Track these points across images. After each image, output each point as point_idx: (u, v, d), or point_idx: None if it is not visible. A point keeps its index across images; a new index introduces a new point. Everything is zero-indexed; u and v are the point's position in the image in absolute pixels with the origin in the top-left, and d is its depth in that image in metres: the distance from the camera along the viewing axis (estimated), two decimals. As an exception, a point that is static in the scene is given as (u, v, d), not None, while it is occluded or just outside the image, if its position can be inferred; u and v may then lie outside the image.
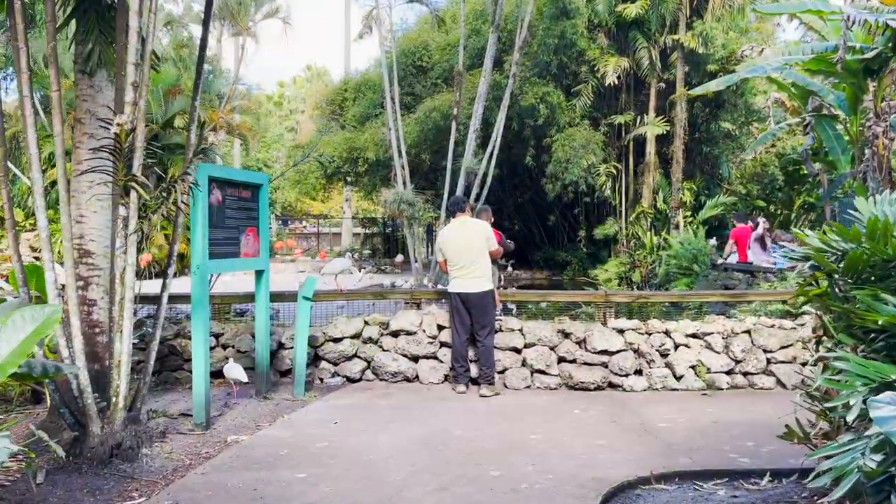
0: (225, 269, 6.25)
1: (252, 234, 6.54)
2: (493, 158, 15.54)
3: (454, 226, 7.12)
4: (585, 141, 18.97)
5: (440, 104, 19.16)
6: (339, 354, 7.46)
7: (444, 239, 7.11)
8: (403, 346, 7.42)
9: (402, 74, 22.13)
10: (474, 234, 7.00)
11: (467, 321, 6.99)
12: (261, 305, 6.75)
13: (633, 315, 7.85)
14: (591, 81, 20.12)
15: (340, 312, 8.30)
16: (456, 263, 6.98)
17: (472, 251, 6.94)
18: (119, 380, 4.90)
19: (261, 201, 6.69)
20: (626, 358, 7.18)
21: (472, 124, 14.81)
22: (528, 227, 25.21)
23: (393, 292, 7.74)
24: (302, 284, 7.01)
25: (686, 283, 15.64)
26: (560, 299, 7.75)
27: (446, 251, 7.05)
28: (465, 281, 6.95)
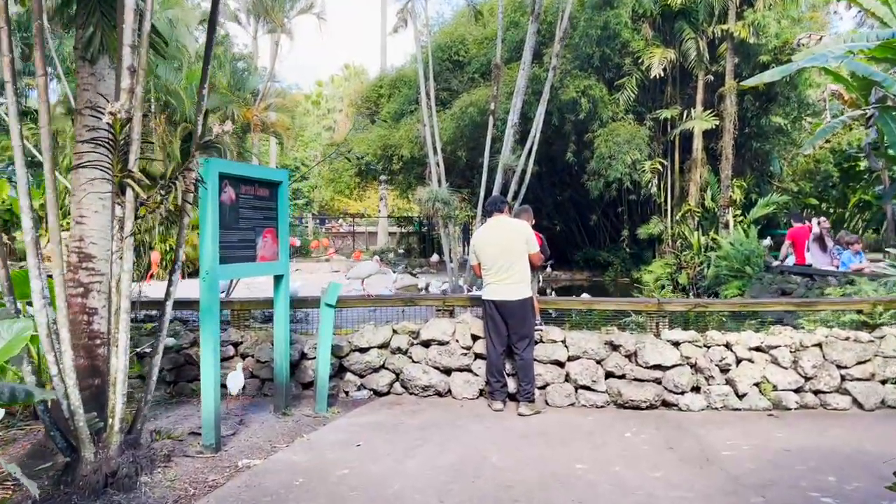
0: (239, 275, 5.72)
1: (270, 236, 6.00)
2: (531, 155, 14.83)
3: (490, 226, 6.49)
4: (629, 136, 18.13)
5: (477, 99, 18.51)
6: (365, 366, 6.89)
7: (478, 240, 6.49)
8: (435, 357, 6.82)
9: (438, 69, 21.54)
10: (512, 235, 6.36)
11: (503, 331, 6.36)
12: (280, 313, 6.21)
13: (688, 325, 7.12)
14: (634, 74, 19.26)
15: (370, 317, 7.73)
16: (491, 268, 6.35)
17: (510, 254, 6.30)
18: (115, 399, 4.39)
19: (280, 200, 6.14)
20: (682, 373, 6.46)
21: (510, 119, 14.14)
22: (568, 226, 24.41)
23: (423, 298, 7.13)
24: (324, 290, 6.45)
25: (738, 286, 14.75)
26: (607, 307, 7.05)
27: (480, 254, 6.42)
28: (501, 287, 6.31)
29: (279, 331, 6.21)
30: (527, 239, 6.37)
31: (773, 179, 22.34)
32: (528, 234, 6.43)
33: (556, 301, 7.08)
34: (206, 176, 5.09)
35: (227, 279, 5.46)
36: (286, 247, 6.24)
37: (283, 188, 6.15)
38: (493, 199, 6.64)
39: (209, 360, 5.11)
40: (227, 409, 6.36)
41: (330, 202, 42.79)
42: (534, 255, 6.45)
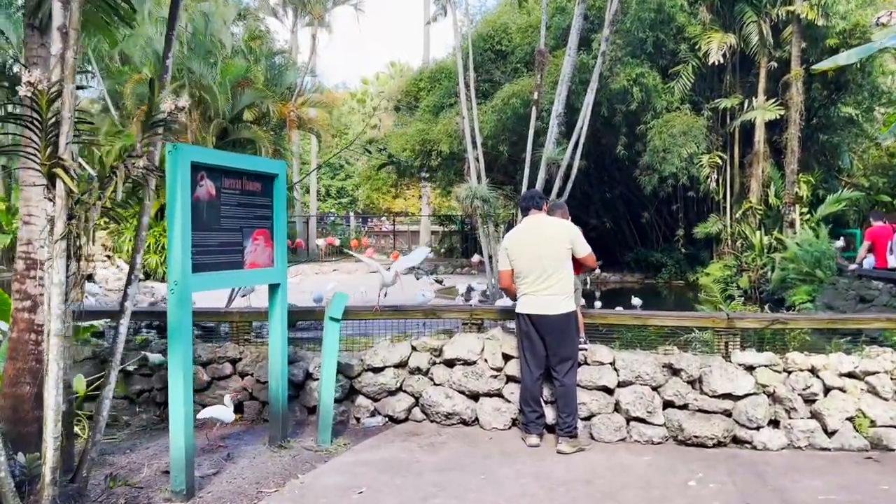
0: (220, 285, 4.82)
1: (263, 239, 5.09)
2: (578, 148, 13.68)
3: (525, 227, 5.45)
4: (686, 127, 16.79)
5: (520, 89, 17.40)
6: (379, 388, 5.93)
7: (511, 242, 5.45)
8: (460, 379, 5.82)
9: (480, 60, 20.53)
10: (553, 236, 5.32)
11: (541, 352, 5.32)
12: (276, 328, 5.30)
13: (765, 345, 5.96)
14: (691, 61, 17.89)
15: (393, 328, 6.75)
16: (528, 276, 5.31)
17: (550, 260, 5.25)
18: (46, 443, 3.51)
19: (276, 196, 5.22)
20: (758, 405, 5.33)
21: (555, 109, 13.03)
22: (618, 224, 23.10)
23: (447, 309, 6.14)
24: (329, 301, 5.51)
25: (807, 291, 13.35)
26: (666, 323, 5.92)
27: (515, 258, 5.38)
28: (539, 299, 5.28)
29: (275, 349, 5.29)
30: (571, 239, 5.32)
31: (842, 174, 20.67)
32: (572, 233, 5.37)
33: (605, 315, 5.99)
34: (175, 165, 4.18)
35: (205, 290, 4.54)
36: (283, 251, 5.32)
37: (279, 182, 5.23)
38: (529, 194, 5.61)
39: (178, 389, 4.21)
40: (217, 438, 5.47)
41: (375, 201, 42.14)
42: (587, 257, 5.40)
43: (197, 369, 6.07)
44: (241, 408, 6.10)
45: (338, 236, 30.74)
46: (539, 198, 5.52)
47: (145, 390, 6.18)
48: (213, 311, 6.81)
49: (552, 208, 6.01)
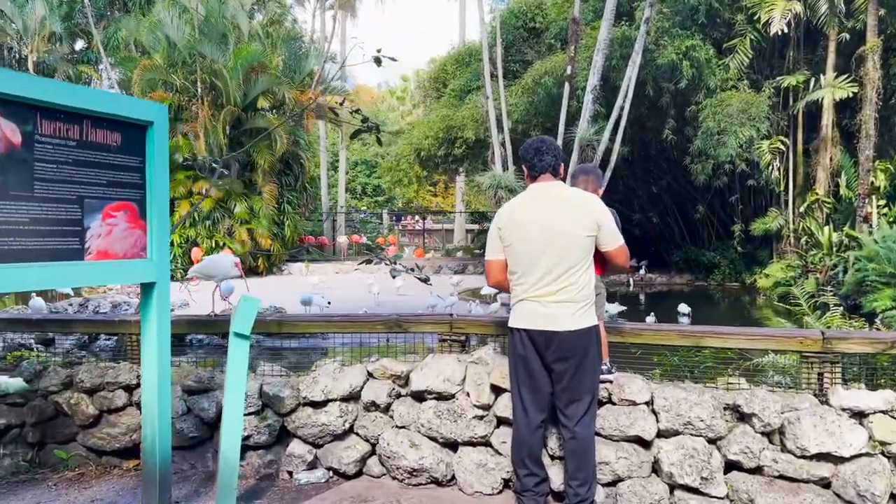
0: (31, 285, 3.17)
1: (123, 216, 3.44)
2: (619, 130, 11.86)
3: (529, 198, 3.60)
4: (744, 105, 14.67)
5: (553, 66, 15.52)
6: (321, 430, 4.24)
7: (505, 221, 3.61)
8: (431, 420, 4.10)
9: (511, 39, 18.74)
10: (570, 214, 3.47)
11: (544, 386, 3.54)
12: (150, 345, 3.64)
13: (878, 379, 4.07)
14: (749, 34, 15.76)
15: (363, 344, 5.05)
16: (527, 272, 3.51)
17: (562, 249, 3.44)
18: None
19: (150, 154, 3.57)
20: (873, 472, 3.48)
21: (590, 82, 11.24)
22: (664, 220, 20.98)
23: (418, 320, 4.38)
24: (234, 309, 3.83)
25: (892, 295, 11.23)
26: (729, 344, 4.05)
27: (509, 244, 3.57)
28: (543, 308, 3.48)
29: (150, 376, 3.64)
30: (597, 222, 3.47)
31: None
32: (599, 213, 3.49)
33: (639, 331, 4.14)
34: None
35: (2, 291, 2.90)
36: (164, 235, 3.66)
37: (155, 135, 3.57)
38: (537, 145, 3.66)
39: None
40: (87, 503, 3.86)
41: (413, 198, 40.55)
42: (618, 251, 3.55)
43: (80, 399, 4.48)
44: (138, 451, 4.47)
45: (366, 234, 29.22)
46: (553, 154, 3.60)
47: (13, 426, 4.60)
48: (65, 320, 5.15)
49: (575, 174, 4.19)
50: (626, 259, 3.64)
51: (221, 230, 19.64)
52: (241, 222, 19.75)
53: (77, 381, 4.49)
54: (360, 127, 6.27)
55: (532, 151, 3.60)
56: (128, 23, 20.59)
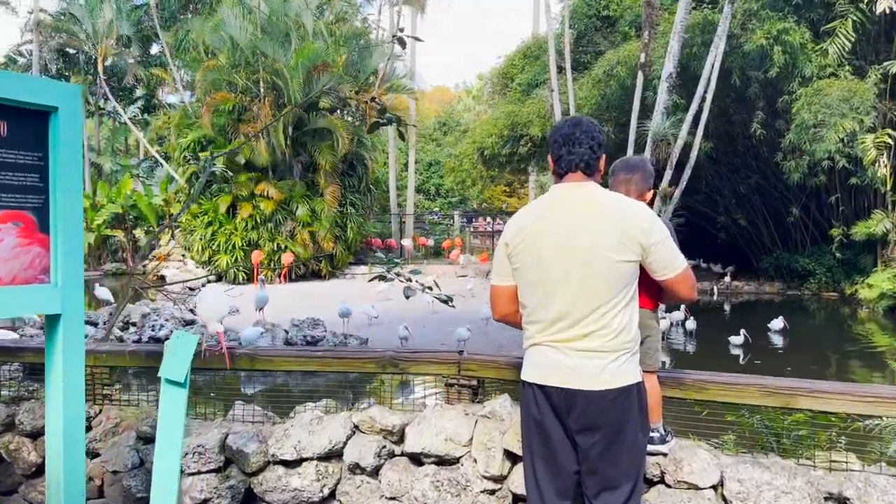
0: None
1: (13, 229, 2.65)
2: (700, 123, 10.56)
3: (549, 204, 2.56)
4: (846, 93, 12.97)
5: (626, 56, 14.21)
6: (293, 496, 3.37)
7: (515, 233, 2.57)
8: (427, 493, 3.16)
9: (583, 29, 17.54)
10: (598, 228, 2.43)
11: (566, 463, 2.51)
12: (54, 390, 2.83)
13: None
14: (851, 14, 14.01)
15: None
16: (538, 304, 2.51)
17: (587, 277, 2.41)
18: None
19: (54, 150, 2.76)
20: None
21: (666, 69, 10.02)
22: (753, 223, 19.22)
23: (419, 360, 3.42)
24: (166, 346, 2.99)
25: None
26: (827, 407, 2.86)
27: (519, 266, 2.56)
28: (564, 357, 2.45)
29: (54, 435, 2.84)
30: (639, 240, 2.42)
31: None
32: (641, 226, 2.43)
33: (703, 384, 3.01)
34: None
35: None
36: (75, 254, 2.84)
37: (60, 123, 2.76)
38: (563, 132, 2.55)
39: None
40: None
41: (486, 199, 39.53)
42: (680, 278, 2.51)
43: (22, 444, 3.76)
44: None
45: (435, 236, 28.47)
46: (590, 143, 2.51)
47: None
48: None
49: (614, 171, 3.13)
50: (692, 288, 2.57)
51: (283, 233, 19.23)
52: (303, 225, 19.28)
53: (18, 421, 3.77)
54: (377, 119, 5.42)
55: (560, 139, 2.54)
56: (193, 24, 20.51)
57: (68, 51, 23.57)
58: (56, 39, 22.33)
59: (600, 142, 2.57)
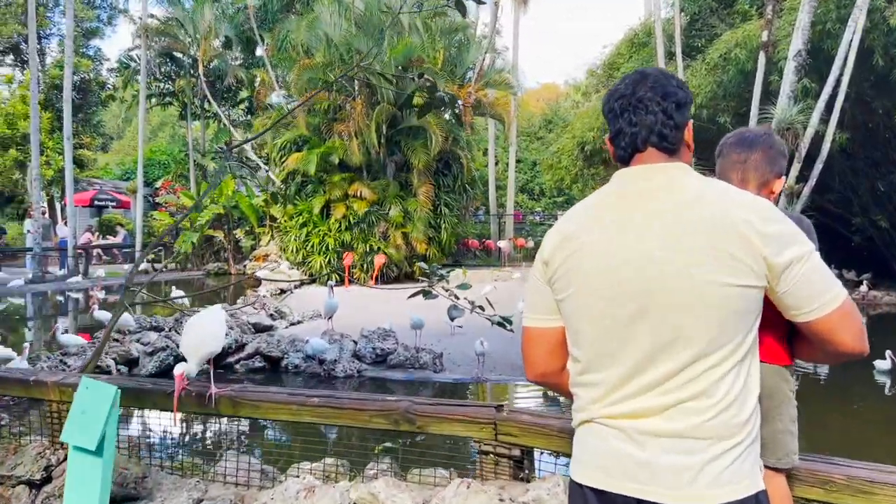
0: None
1: None
2: (833, 112, 9.00)
3: (604, 202, 1.59)
4: None
5: (745, 37, 12.61)
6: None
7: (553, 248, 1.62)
8: None
9: (696, 11, 15.97)
10: (694, 237, 1.44)
11: None
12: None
13: None
14: None
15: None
16: (596, 355, 1.54)
17: (675, 313, 1.44)
18: None
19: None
20: None
21: (793, 46, 8.61)
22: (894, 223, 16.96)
23: (443, 416, 2.51)
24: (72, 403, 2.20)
25: None
26: None
27: (564, 295, 1.59)
28: (629, 442, 1.49)
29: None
30: (763, 254, 1.41)
31: None
32: (766, 233, 1.42)
33: (868, 484, 1.95)
34: None
35: None
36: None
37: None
38: (621, 92, 1.58)
39: None
40: None
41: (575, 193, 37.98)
42: (831, 317, 1.47)
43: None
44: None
45: (536, 237, 27.31)
46: (662, 107, 1.52)
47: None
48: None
49: (723, 150, 2.05)
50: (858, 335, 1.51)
51: (376, 234, 18.75)
52: (396, 226, 18.73)
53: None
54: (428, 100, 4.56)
55: (617, 106, 1.59)
56: (289, 23, 20.42)
57: (176, 55, 24.20)
58: (160, 43, 22.93)
59: (681, 100, 1.57)
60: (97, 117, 30.59)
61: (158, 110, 33.29)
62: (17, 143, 24.17)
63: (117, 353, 7.89)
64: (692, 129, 1.60)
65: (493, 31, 23.45)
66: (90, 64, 27.33)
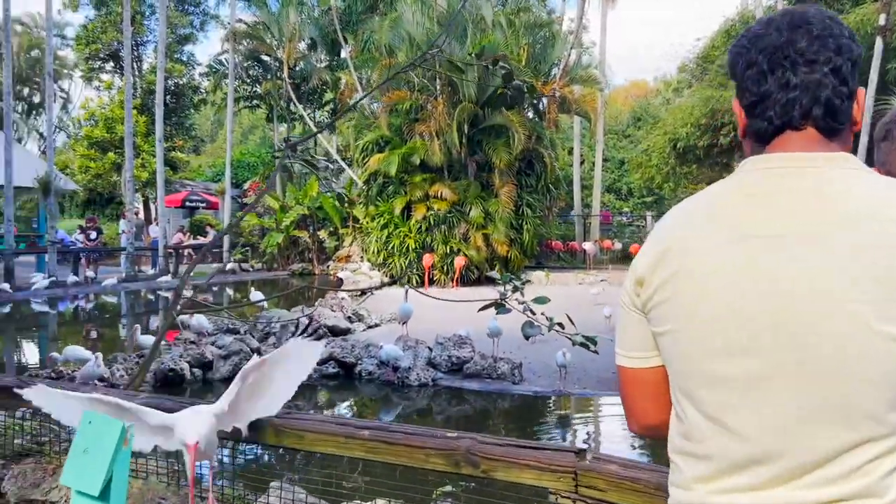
0: None
1: None
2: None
3: (729, 204, 1.11)
4: None
5: (858, 21, 11.47)
6: None
7: (651, 262, 1.15)
8: None
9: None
10: (860, 254, 0.98)
11: None
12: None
13: None
14: None
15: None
16: (714, 425, 1.07)
17: (839, 372, 0.99)
18: None
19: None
20: None
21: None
22: None
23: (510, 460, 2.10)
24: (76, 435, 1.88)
25: None
26: None
27: (666, 329, 1.13)
28: None
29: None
30: None
31: None
32: None
33: None
34: None
35: None
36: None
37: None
38: (771, 45, 1.08)
39: None
40: None
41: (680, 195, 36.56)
42: None
43: None
44: None
45: (624, 239, 26.36)
46: (833, 64, 1.04)
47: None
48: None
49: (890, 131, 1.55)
50: None
51: (457, 235, 18.44)
52: (477, 227, 18.35)
53: (4, 489, 2.94)
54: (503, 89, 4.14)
55: (765, 55, 1.09)
56: (373, 24, 20.39)
57: (262, 58, 24.67)
58: (248, 46, 23.40)
59: (856, 58, 1.10)
60: (189, 120, 31.64)
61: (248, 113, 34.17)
62: (115, 146, 25.21)
63: (192, 356, 7.84)
64: (858, 104, 1.12)
65: (580, 27, 22.71)
66: (183, 69, 28.27)
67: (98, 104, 28.67)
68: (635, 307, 1.19)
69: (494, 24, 19.31)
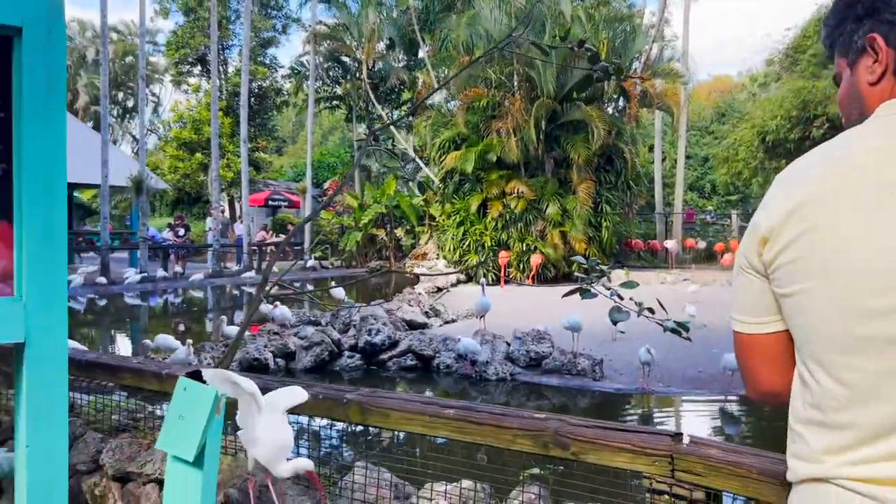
0: None
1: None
2: None
3: (872, 152, 1.01)
4: None
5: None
6: None
7: (784, 219, 1.04)
8: None
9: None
10: None
11: None
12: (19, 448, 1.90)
13: None
14: None
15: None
16: (851, 391, 0.99)
17: None
18: None
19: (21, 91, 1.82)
20: None
21: None
22: None
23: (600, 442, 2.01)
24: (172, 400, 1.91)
25: None
26: None
27: (792, 290, 1.04)
28: None
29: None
30: None
31: None
32: None
33: None
34: None
35: None
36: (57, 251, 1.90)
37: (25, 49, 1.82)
38: None
39: None
40: None
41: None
42: None
43: (106, 488, 3.04)
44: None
45: (708, 238, 25.51)
46: None
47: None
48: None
49: None
50: None
51: (533, 232, 18.26)
52: (554, 224, 18.12)
53: (102, 461, 3.05)
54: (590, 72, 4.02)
55: None
56: (450, 22, 20.45)
57: (342, 59, 25.13)
58: (327, 48, 23.88)
59: None
60: (272, 122, 32.57)
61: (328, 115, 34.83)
62: (202, 147, 26.19)
63: (275, 346, 8.02)
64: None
65: (661, 20, 22.13)
66: (266, 71, 29.13)
67: (186, 107, 29.89)
68: (755, 269, 1.11)
69: (573, 19, 19.01)
